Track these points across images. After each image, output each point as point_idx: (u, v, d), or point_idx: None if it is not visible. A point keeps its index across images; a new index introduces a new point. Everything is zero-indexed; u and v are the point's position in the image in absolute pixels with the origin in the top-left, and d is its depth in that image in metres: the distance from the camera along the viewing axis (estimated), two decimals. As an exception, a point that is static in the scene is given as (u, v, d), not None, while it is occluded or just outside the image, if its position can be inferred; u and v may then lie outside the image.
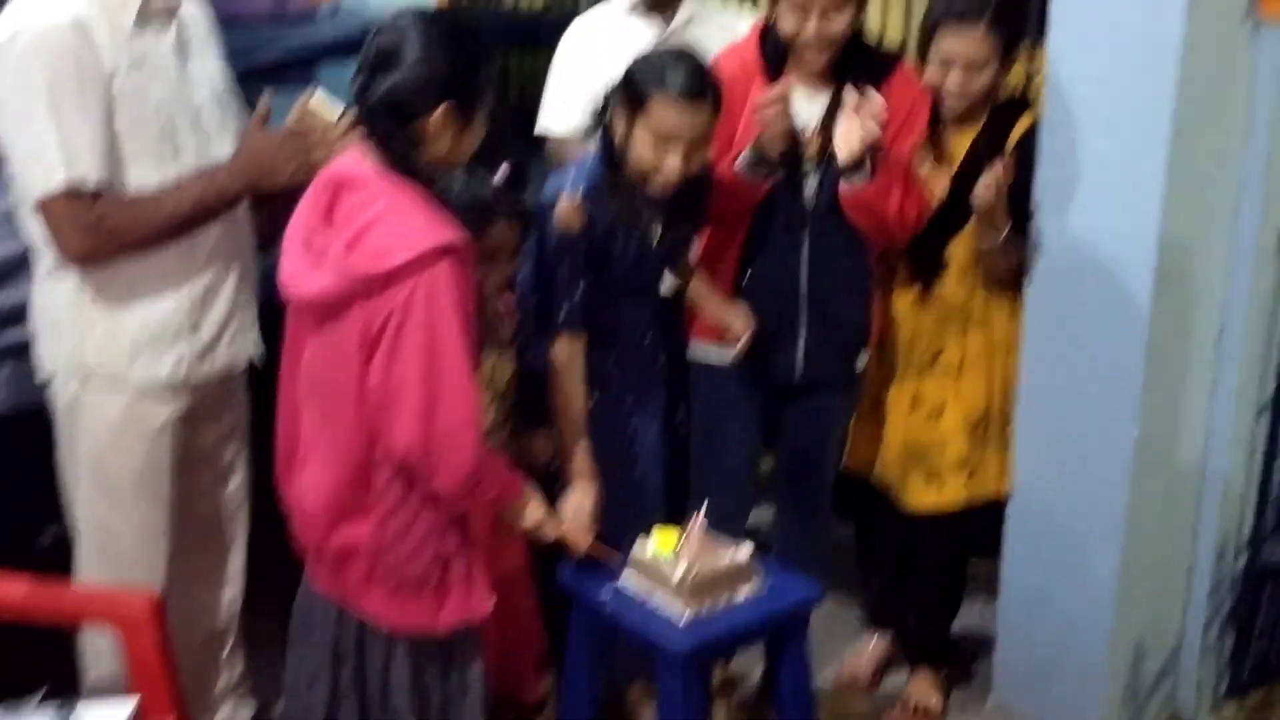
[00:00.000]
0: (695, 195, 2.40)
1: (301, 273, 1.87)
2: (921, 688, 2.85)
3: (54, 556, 2.38)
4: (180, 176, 2.10)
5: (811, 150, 2.49)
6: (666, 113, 2.21)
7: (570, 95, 2.77)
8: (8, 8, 2.03)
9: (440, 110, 1.84)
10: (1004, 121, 2.59)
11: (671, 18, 2.86)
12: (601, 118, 2.33)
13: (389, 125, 1.84)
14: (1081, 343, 2.50)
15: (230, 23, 3.57)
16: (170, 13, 2.12)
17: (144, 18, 2.06)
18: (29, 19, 1.97)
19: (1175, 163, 2.31)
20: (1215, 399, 2.57)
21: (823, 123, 2.47)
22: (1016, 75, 2.77)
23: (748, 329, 2.47)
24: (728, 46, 2.56)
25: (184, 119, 2.13)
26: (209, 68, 2.24)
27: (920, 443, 2.69)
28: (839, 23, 2.38)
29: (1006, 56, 2.52)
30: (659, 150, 2.24)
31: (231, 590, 2.47)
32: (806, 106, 2.46)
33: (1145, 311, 2.39)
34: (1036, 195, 2.53)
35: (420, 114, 1.84)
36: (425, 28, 1.85)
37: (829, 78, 2.47)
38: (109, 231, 2.04)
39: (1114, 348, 2.44)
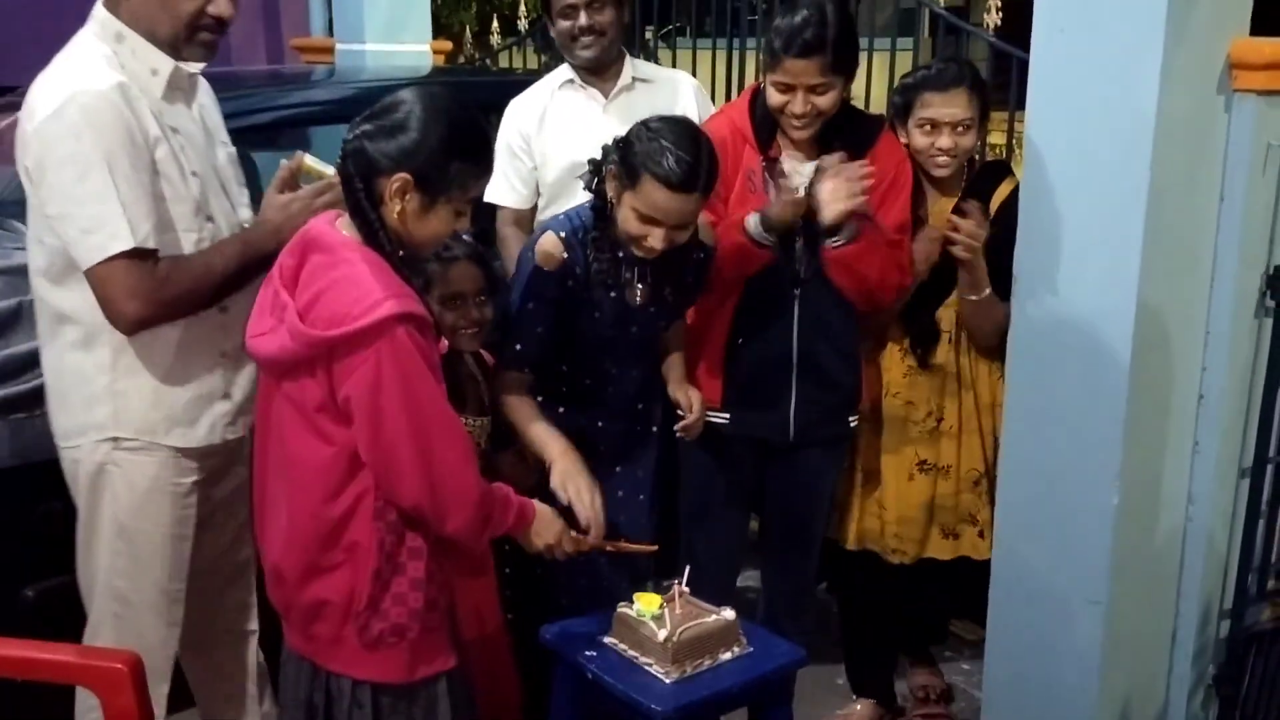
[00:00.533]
0: (684, 264, 2.42)
1: (262, 331, 1.91)
2: (924, 676, 2.99)
3: (36, 616, 2.38)
4: (215, 240, 2.16)
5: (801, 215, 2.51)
6: (656, 195, 2.22)
7: (511, 170, 2.94)
8: (46, 79, 2.06)
9: (398, 178, 1.86)
10: (986, 186, 2.65)
11: (609, 88, 2.92)
12: (598, 171, 2.34)
13: (356, 174, 1.89)
14: (1062, 408, 2.52)
15: (227, 84, 3.66)
16: (193, 84, 2.19)
17: (172, 88, 2.12)
18: (75, 87, 1.99)
19: (1152, 230, 2.34)
20: (1196, 464, 2.59)
21: (810, 188, 2.50)
22: (998, 139, 2.85)
23: (695, 415, 2.46)
24: (719, 112, 2.61)
25: (212, 185, 2.19)
26: (222, 133, 2.31)
27: (932, 503, 2.75)
28: (825, 101, 2.43)
29: (983, 120, 2.64)
30: (644, 224, 2.26)
31: (254, 642, 2.47)
32: (795, 174, 2.50)
33: (1124, 377, 2.40)
34: (1016, 262, 2.57)
35: (379, 172, 1.87)
36: (426, 103, 1.89)
37: (815, 144, 2.52)
38: (170, 294, 2.06)
39: (1094, 413, 2.46)
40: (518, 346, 2.35)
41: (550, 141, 2.91)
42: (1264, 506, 2.65)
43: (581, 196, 2.43)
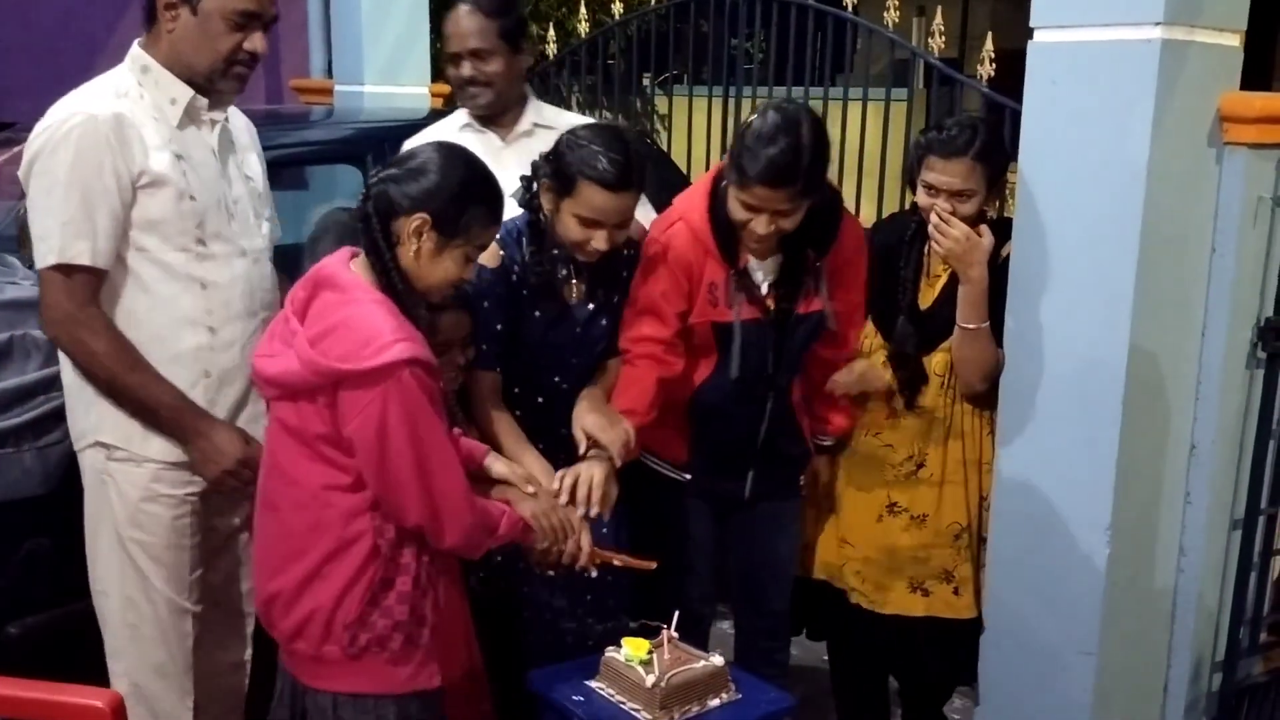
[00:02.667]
0: (615, 260, 2.43)
1: (270, 354, 2.00)
2: None
3: (19, 653, 2.35)
4: (205, 259, 2.23)
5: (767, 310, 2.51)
6: (595, 198, 2.28)
7: None
8: (64, 99, 2.22)
9: (417, 218, 1.96)
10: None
11: (507, 133, 2.83)
12: (530, 188, 2.38)
13: (375, 215, 1.98)
14: (1053, 458, 2.52)
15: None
16: (213, 119, 2.30)
17: (188, 117, 2.25)
18: (75, 109, 2.16)
19: (1144, 281, 2.36)
20: (1188, 515, 2.59)
21: (775, 283, 2.50)
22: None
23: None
24: (676, 217, 2.49)
25: (217, 211, 2.27)
26: (250, 168, 2.41)
27: (900, 550, 2.68)
28: (790, 222, 2.36)
29: (994, 185, 2.58)
30: (585, 229, 2.31)
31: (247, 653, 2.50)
32: (758, 270, 2.50)
33: (1116, 428, 2.41)
34: (1008, 312, 2.58)
35: (399, 213, 1.98)
36: (445, 153, 2.04)
37: (779, 243, 2.47)
38: (79, 335, 2.16)
39: (1085, 463, 2.46)
40: (484, 346, 2.40)
41: None
42: (1256, 558, 2.65)
43: None
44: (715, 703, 2.20)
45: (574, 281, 2.45)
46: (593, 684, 2.23)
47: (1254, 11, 2.46)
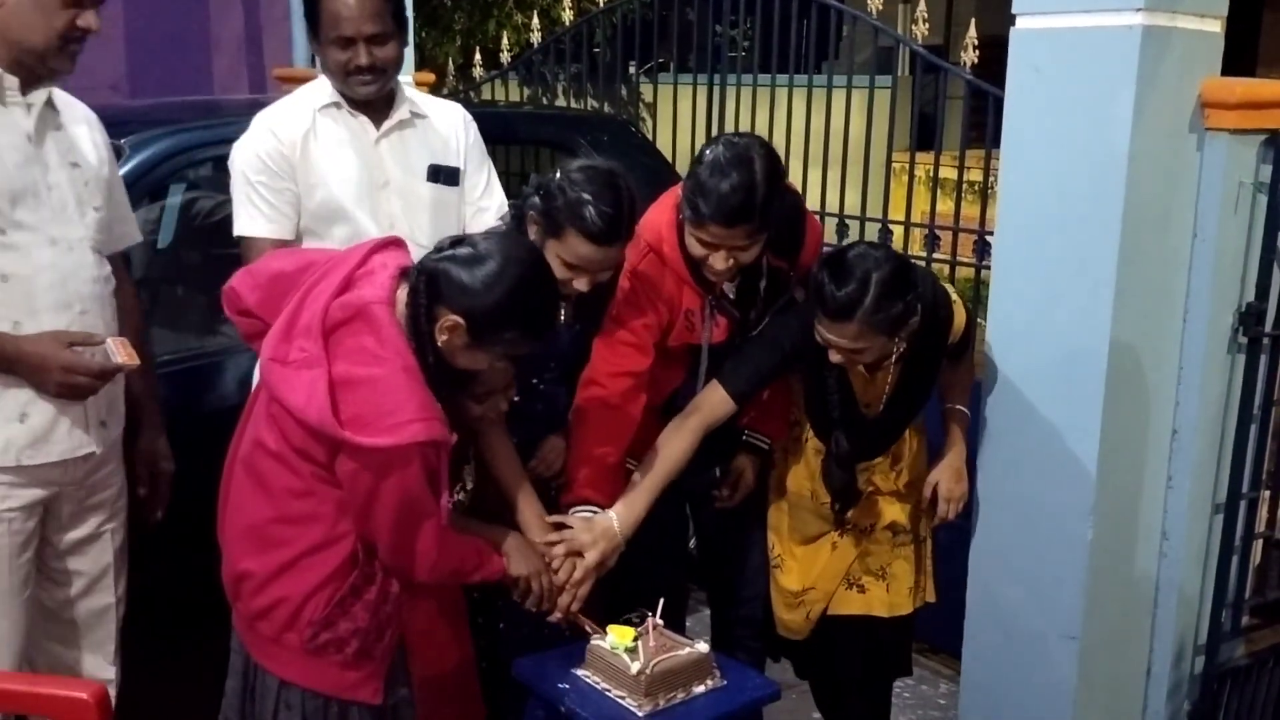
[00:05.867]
0: (605, 290, 2.41)
1: (282, 359, 1.94)
2: None
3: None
4: (3, 259, 2.14)
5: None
6: (581, 248, 2.24)
7: (271, 195, 2.52)
8: None
9: (452, 319, 1.95)
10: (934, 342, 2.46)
11: (382, 120, 2.58)
12: (520, 215, 2.36)
13: (425, 290, 1.96)
14: (1036, 444, 2.53)
15: (210, 112, 3.66)
16: (26, 103, 2.21)
17: None
18: None
19: (1126, 267, 2.37)
20: (1170, 499, 2.60)
21: (738, 293, 2.50)
22: (976, 176, 2.81)
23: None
24: (645, 247, 2.44)
25: (29, 194, 2.18)
26: (79, 155, 2.29)
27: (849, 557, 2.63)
28: (748, 256, 2.35)
29: (894, 332, 2.28)
30: (568, 271, 2.27)
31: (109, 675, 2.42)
32: (731, 286, 2.49)
33: (1098, 413, 2.42)
34: (992, 298, 2.59)
35: (441, 300, 1.96)
36: (512, 258, 1.98)
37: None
38: None
39: (1068, 448, 2.47)
40: None
41: (314, 169, 2.54)
42: (1237, 542, 2.67)
43: (339, 237, 2.46)
44: (700, 689, 2.20)
45: (561, 305, 2.40)
46: (579, 672, 2.23)
47: (1238, -3, 2.47)
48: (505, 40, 5.17)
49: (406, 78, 4.80)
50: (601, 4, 4.55)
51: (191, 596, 2.35)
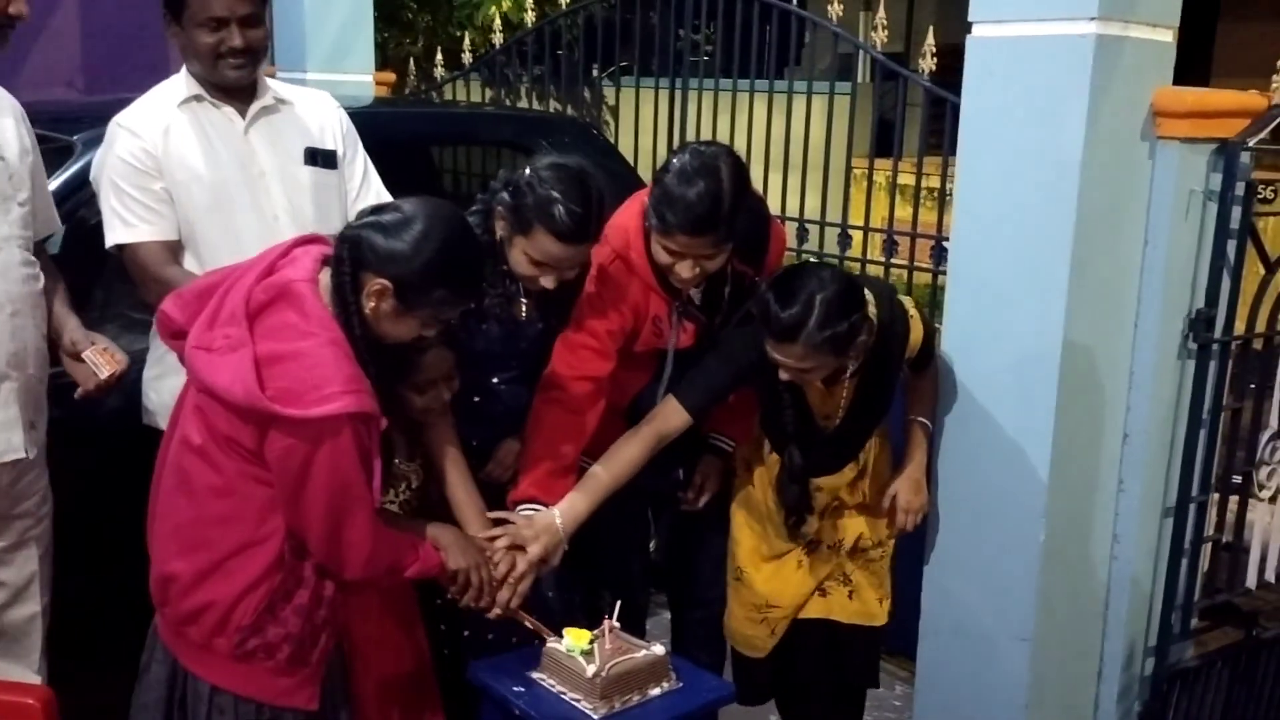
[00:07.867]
0: (570, 288, 2.41)
1: (207, 346, 1.91)
2: None
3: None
4: None
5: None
6: (549, 246, 2.25)
7: (147, 198, 2.43)
8: None
9: (378, 282, 1.92)
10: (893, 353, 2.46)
11: (247, 108, 2.50)
12: (487, 209, 2.36)
13: (349, 258, 1.93)
14: (990, 447, 2.55)
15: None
16: None
17: None
18: None
19: (1078, 273, 2.39)
20: (1121, 502, 2.63)
21: (703, 299, 2.51)
22: (934, 183, 2.82)
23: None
24: (611, 252, 2.43)
25: None
26: (2, 149, 2.24)
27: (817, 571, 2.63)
28: (714, 264, 2.36)
29: (841, 351, 2.29)
30: (534, 267, 2.28)
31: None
32: (697, 290, 2.50)
33: (1051, 417, 2.44)
34: (947, 303, 2.61)
35: (366, 266, 1.93)
36: (435, 220, 1.95)
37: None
38: None
39: (1021, 452, 2.50)
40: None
41: (182, 166, 2.44)
42: (1187, 545, 2.70)
43: (221, 231, 2.41)
44: (656, 692, 2.20)
45: (523, 300, 2.42)
46: (534, 675, 2.22)
47: (1193, 7, 2.49)
48: (467, 40, 5.15)
49: (367, 77, 4.82)
50: (565, 5, 4.55)
51: (118, 608, 2.27)
